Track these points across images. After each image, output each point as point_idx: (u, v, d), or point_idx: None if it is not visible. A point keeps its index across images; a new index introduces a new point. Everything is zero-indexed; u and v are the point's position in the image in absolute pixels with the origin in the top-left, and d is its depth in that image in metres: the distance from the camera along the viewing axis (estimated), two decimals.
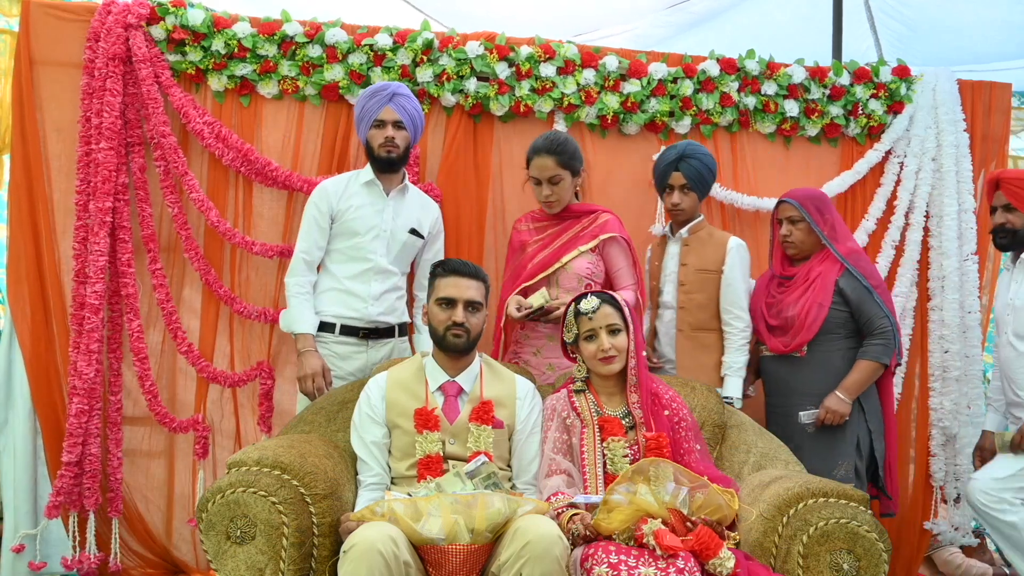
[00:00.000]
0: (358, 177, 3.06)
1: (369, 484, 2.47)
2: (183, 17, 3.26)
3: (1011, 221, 3.13)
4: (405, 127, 2.99)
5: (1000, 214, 3.16)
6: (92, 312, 3.13)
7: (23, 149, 3.23)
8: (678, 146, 3.24)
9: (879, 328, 3.03)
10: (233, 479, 2.22)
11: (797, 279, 3.12)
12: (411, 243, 3.08)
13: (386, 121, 2.96)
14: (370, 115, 2.96)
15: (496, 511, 2.12)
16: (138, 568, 3.33)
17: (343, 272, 3.01)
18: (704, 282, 3.16)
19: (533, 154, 3.02)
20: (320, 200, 3.01)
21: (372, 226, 3.00)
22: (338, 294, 3.00)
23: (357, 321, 2.99)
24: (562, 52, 3.54)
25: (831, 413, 2.99)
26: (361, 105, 3.00)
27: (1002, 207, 3.15)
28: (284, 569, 2.15)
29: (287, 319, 3.00)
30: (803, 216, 3.10)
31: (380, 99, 2.96)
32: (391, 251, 3.03)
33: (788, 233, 3.13)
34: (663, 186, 3.23)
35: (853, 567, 2.17)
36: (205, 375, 3.33)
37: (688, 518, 2.19)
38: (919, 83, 3.81)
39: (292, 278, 3.00)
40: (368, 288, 2.99)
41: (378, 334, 3.03)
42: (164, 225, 3.35)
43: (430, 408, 2.49)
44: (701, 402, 2.79)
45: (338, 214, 3.00)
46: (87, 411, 3.13)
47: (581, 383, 2.60)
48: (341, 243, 3.02)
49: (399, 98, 2.98)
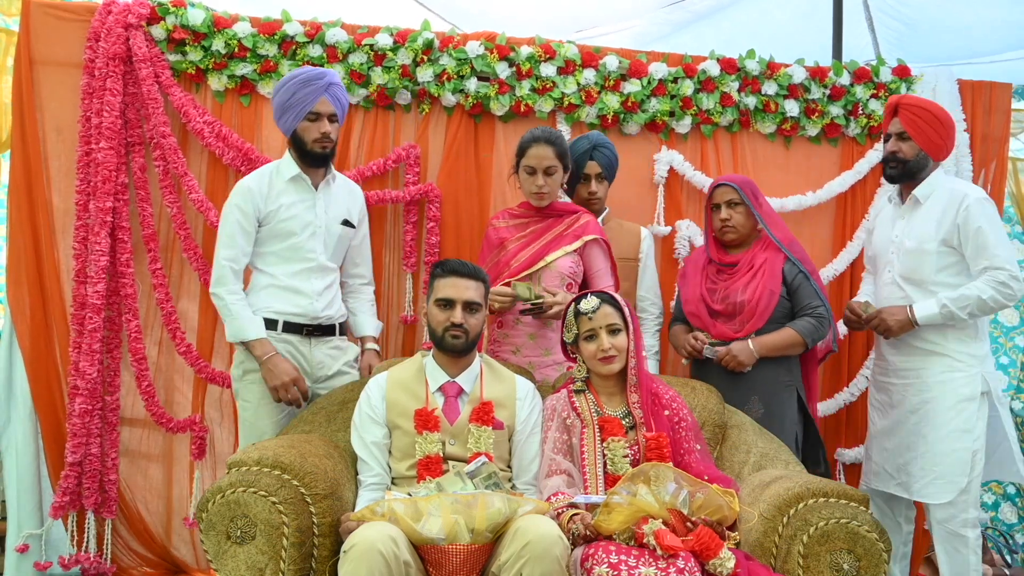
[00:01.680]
0: (280, 172, 2.87)
1: (369, 484, 2.47)
2: (183, 17, 3.26)
3: (903, 150, 3.03)
4: (338, 119, 2.86)
5: (893, 142, 3.06)
6: (94, 312, 3.13)
7: (23, 149, 3.23)
8: (590, 136, 3.21)
9: (815, 311, 2.98)
10: (233, 479, 2.22)
11: (741, 266, 3.05)
12: (345, 235, 2.96)
13: (322, 114, 2.79)
14: (303, 106, 2.76)
15: (496, 511, 2.12)
16: (138, 568, 3.34)
17: (281, 271, 2.85)
18: (624, 270, 3.15)
19: (531, 142, 2.94)
20: (244, 202, 2.80)
21: (307, 223, 2.84)
22: (278, 291, 2.84)
23: (300, 318, 2.84)
24: (562, 52, 3.54)
25: (732, 356, 2.93)
26: (291, 92, 2.77)
27: (896, 134, 3.05)
28: (284, 569, 2.15)
29: (235, 327, 2.77)
30: (742, 200, 3.04)
31: (316, 89, 2.77)
32: (328, 247, 2.90)
33: (728, 217, 3.04)
34: (578, 176, 3.16)
35: (853, 567, 2.17)
36: (203, 376, 3.33)
37: (688, 518, 2.19)
38: (919, 83, 3.81)
39: (222, 287, 2.78)
40: (310, 285, 2.86)
41: (321, 331, 2.90)
42: (163, 225, 3.35)
43: (430, 409, 2.49)
44: (701, 402, 2.79)
45: (267, 216, 2.82)
46: (90, 411, 3.13)
47: (581, 383, 2.60)
48: (275, 245, 2.85)
49: (335, 88, 2.82)
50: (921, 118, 3.00)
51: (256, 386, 2.84)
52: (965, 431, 2.95)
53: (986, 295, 2.90)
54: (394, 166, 3.45)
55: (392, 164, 3.44)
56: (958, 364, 2.99)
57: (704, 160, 3.71)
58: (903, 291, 3.05)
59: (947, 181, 3.09)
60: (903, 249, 3.06)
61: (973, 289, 2.92)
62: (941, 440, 2.96)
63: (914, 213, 3.08)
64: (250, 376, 2.85)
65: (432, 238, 3.46)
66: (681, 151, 3.68)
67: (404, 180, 3.46)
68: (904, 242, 3.06)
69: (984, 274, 2.93)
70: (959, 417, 2.96)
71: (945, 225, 2.97)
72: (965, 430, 2.95)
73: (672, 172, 3.67)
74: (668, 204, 3.67)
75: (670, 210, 3.67)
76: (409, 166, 3.45)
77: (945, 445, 2.95)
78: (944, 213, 2.99)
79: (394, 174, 3.49)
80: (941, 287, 2.98)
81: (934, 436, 2.97)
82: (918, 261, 3.02)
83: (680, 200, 3.68)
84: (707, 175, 3.67)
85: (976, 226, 2.92)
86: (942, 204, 3.00)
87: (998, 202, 3.94)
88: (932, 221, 3.00)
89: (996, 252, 2.92)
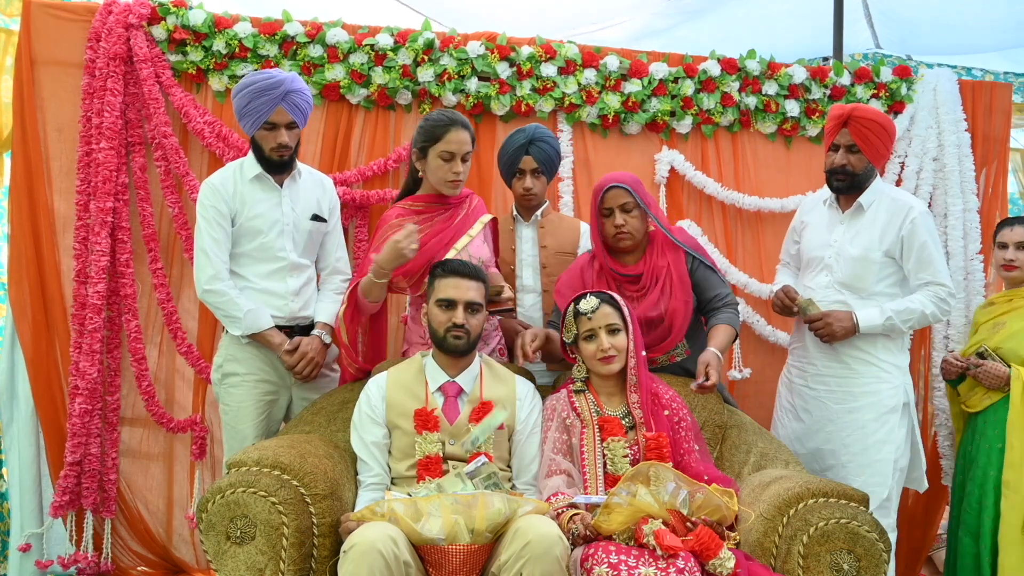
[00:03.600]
0: (243, 171, 2.83)
1: (369, 484, 2.47)
2: (184, 17, 3.27)
3: (852, 163, 2.93)
4: (297, 125, 2.79)
5: (842, 154, 2.94)
6: (94, 312, 3.14)
7: (24, 149, 3.23)
8: (526, 130, 3.06)
9: (728, 299, 2.86)
10: (233, 479, 2.22)
11: (645, 278, 2.84)
12: (316, 230, 2.91)
13: (278, 124, 2.73)
14: (258, 115, 2.71)
15: (496, 511, 2.12)
16: (138, 568, 3.34)
17: (253, 273, 2.83)
18: (563, 264, 3.05)
19: (448, 126, 2.72)
20: (217, 201, 2.77)
21: (275, 221, 2.81)
22: (254, 293, 2.81)
23: (280, 320, 2.83)
24: (563, 52, 3.54)
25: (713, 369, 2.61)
26: (246, 100, 2.70)
27: (846, 147, 2.93)
28: (284, 569, 2.15)
29: (252, 318, 2.76)
30: (637, 203, 2.81)
31: (271, 99, 2.68)
32: (299, 244, 2.86)
33: (623, 223, 2.79)
34: (513, 171, 3.07)
35: (853, 567, 2.17)
36: (204, 376, 3.33)
37: (688, 519, 2.19)
38: (920, 83, 3.81)
39: (222, 283, 2.76)
40: (285, 285, 2.83)
41: (300, 331, 2.88)
42: (163, 225, 3.36)
43: (430, 409, 2.48)
44: (701, 402, 2.78)
45: (235, 214, 2.79)
46: (90, 411, 3.13)
47: (581, 383, 2.60)
48: (245, 245, 2.82)
49: (292, 95, 2.72)
50: (873, 131, 2.90)
51: (235, 389, 2.84)
52: (888, 442, 2.94)
53: (928, 310, 2.92)
54: (395, 166, 3.45)
55: (393, 164, 3.44)
56: (885, 375, 2.98)
57: (705, 160, 3.72)
58: (841, 295, 2.99)
59: (887, 189, 3.07)
60: (846, 255, 2.99)
61: (916, 303, 2.92)
62: (866, 451, 2.94)
63: (857, 220, 3.01)
64: (229, 380, 2.85)
65: None
66: (682, 151, 3.69)
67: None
68: (847, 248, 2.99)
69: (926, 288, 2.94)
70: (883, 428, 2.94)
71: (889, 236, 2.95)
72: (888, 441, 2.94)
73: (673, 172, 3.67)
74: (670, 204, 3.67)
75: (671, 210, 3.67)
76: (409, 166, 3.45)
77: (868, 456, 2.94)
78: (888, 223, 2.95)
79: (394, 174, 3.49)
80: (880, 296, 2.98)
81: (858, 447, 2.95)
82: (862, 269, 2.97)
83: (681, 200, 3.69)
84: (708, 175, 3.68)
85: (921, 240, 2.92)
86: (885, 214, 2.97)
87: (1000, 202, 3.96)
88: (876, 230, 2.97)
89: (939, 268, 2.94)
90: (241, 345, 2.82)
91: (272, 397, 2.88)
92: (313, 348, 2.83)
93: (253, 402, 2.83)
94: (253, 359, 2.83)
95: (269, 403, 2.88)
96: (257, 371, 2.84)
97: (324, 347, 2.89)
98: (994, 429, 3.13)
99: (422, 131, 2.78)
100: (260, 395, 2.85)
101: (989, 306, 3.37)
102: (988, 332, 3.25)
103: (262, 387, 2.85)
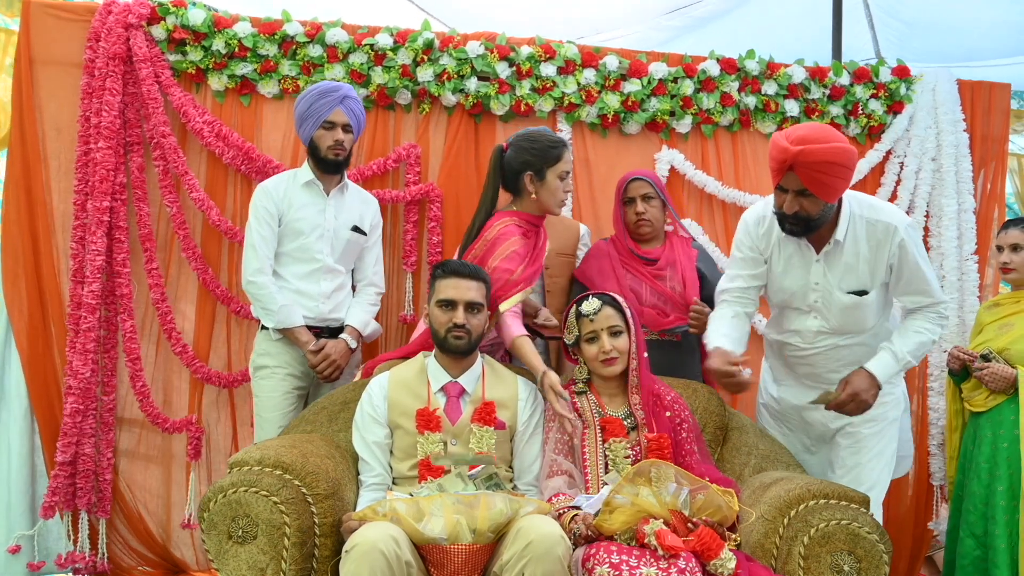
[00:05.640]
0: (296, 178, 3.02)
1: (371, 484, 2.47)
2: (184, 17, 3.26)
3: (805, 208, 2.51)
4: (352, 130, 2.98)
5: (792, 200, 2.51)
6: (89, 312, 3.13)
7: (22, 148, 3.23)
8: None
9: None
10: (235, 479, 2.22)
11: (663, 261, 3.05)
12: (355, 240, 3.07)
13: (336, 123, 2.93)
14: (319, 115, 2.91)
15: (498, 511, 2.12)
16: (138, 568, 3.34)
17: (291, 273, 2.98)
18: (564, 265, 3.18)
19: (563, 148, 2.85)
20: (267, 202, 2.96)
21: (316, 225, 2.98)
22: (290, 292, 2.96)
23: (310, 320, 2.97)
24: (562, 52, 3.54)
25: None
26: (308, 103, 2.93)
27: (795, 192, 2.50)
28: (286, 569, 2.15)
29: (284, 313, 2.91)
30: (657, 194, 3.06)
31: (331, 100, 2.92)
32: (336, 250, 3.01)
33: (644, 211, 3.03)
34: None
35: (854, 568, 2.17)
36: (200, 376, 3.33)
37: (689, 519, 2.19)
38: (919, 83, 3.82)
39: (264, 276, 2.92)
40: (319, 287, 2.98)
41: (329, 333, 3.01)
42: (160, 225, 3.35)
43: (432, 409, 2.49)
44: (703, 404, 2.79)
45: (282, 215, 2.97)
46: (82, 411, 3.13)
47: (583, 384, 2.60)
48: (287, 245, 2.98)
49: (349, 101, 2.95)
50: (824, 172, 2.43)
51: (264, 381, 2.98)
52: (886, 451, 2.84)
53: (936, 335, 2.72)
54: (395, 166, 3.45)
55: (393, 164, 3.44)
56: (887, 385, 2.74)
57: (705, 159, 3.72)
58: (834, 339, 2.74)
59: (857, 208, 2.64)
60: (837, 304, 2.68)
61: (926, 334, 2.69)
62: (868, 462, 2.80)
63: (837, 260, 2.66)
64: (260, 372, 2.99)
65: (433, 238, 3.47)
66: (682, 150, 3.69)
67: (405, 180, 3.47)
68: (836, 296, 2.67)
69: (927, 311, 2.70)
70: (883, 440, 2.83)
71: (880, 270, 2.66)
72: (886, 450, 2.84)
73: (673, 171, 3.68)
74: None
75: None
76: (409, 166, 3.45)
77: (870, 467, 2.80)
78: (875, 256, 2.64)
79: (395, 174, 3.49)
80: (877, 331, 2.76)
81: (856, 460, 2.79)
82: (859, 314, 2.70)
83: (682, 199, 3.69)
84: (708, 174, 3.68)
85: (913, 263, 2.63)
86: (867, 244, 2.64)
87: (998, 202, 3.96)
88: (862, 267, 2.65)
89: (934, 288, 2.69)
90: (272, 340, 2.96)
91: (300, 392, 3.02)
92: (337, 351, 2.95)
93: (280, 394, 2.97)
94: (283, 353, 2.96)
95: (297, 397, 3.01)
96: (286, 365, 2.96)
97: (348, 351, 3.00)
98: (997, 430, 3.11)
99: (536, 153, 2.80)
100: (288, 388, 2.98)
101: (995, 307, 3.31)
102: (994, 333, 3.21)
103: (290, 381, 2.97)
